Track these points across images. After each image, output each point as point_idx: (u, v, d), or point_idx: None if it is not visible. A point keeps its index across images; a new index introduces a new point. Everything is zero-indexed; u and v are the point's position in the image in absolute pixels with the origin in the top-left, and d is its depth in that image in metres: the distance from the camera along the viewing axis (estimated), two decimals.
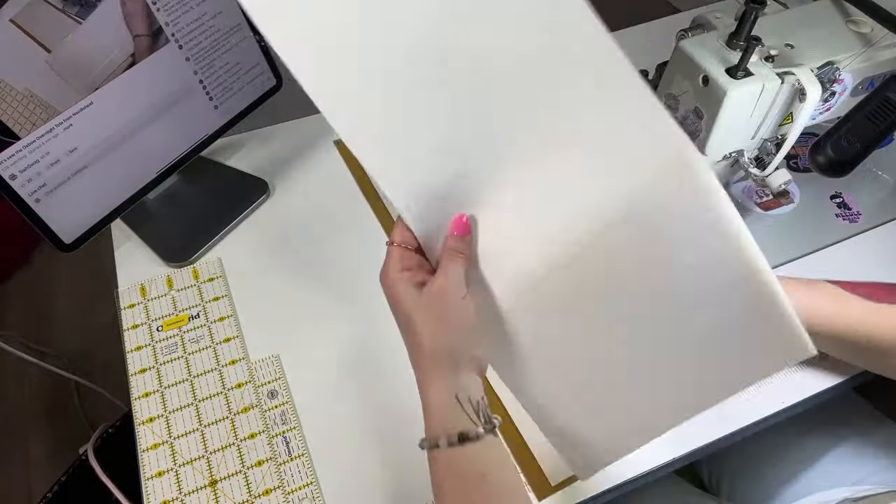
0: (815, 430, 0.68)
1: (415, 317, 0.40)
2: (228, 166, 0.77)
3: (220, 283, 0.66)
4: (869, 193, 0.72)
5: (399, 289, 0.41)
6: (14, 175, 0.55)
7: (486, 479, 0.37)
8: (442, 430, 0.38)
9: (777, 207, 0.71)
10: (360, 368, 0.60)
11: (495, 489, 0.37)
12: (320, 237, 0.70)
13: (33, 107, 0.55)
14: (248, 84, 0.72)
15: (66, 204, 0.60)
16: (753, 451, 0.69)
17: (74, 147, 0.59)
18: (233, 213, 0.71)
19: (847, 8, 0.57)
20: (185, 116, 0.67)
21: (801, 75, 0.50)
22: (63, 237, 0.61)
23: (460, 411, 0.38)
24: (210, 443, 0.56)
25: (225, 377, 0.60)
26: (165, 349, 0.61)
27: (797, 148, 0.77)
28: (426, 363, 0.40)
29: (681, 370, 0.41)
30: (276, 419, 0.57)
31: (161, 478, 0.54)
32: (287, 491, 0.53)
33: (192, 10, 0.64)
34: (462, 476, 0.37)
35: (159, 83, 0.64)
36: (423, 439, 0.39)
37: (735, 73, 0.50)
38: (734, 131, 0.54)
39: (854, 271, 0.65)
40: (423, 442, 0.39)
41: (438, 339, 0.40)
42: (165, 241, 0.69)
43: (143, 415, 0.57)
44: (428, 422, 0.39)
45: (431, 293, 0.40)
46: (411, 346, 0.42)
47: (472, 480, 0.37)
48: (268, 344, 0.62)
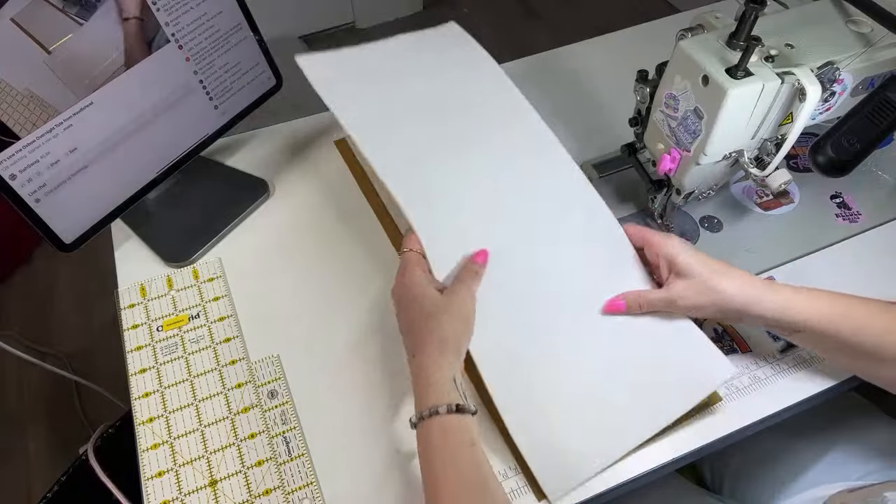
0: (816, 430, 0.68)
1: (439, 312, 0.49)
2: (228, 166, 0.77)
3: (220, 283, 0.66)
4: (869, 193, 0.72)
5: (423, 289, 0.51)
6: (14, 175, 0.55)
7: (474, 447, 0.45)
8: (441, 401, 0.45)
9: (777, 207, 0.71)
10: (360, 368, 0.60)
11: (479, 456, 0.45)
12: (320, 237, 0.70)
13: (33, 107, 0.55)
14: (248, 84, 0.72)
15: (66, 204, 0.60)
16: (755, 449, 0.69)
17: (74, 147, 0.59)
18: (233, 213, 0.71)
19: (847, 8, 0.57)
20: (185, 116, 0.67)
21: (801, 75, 0.50)
22: (63, 237, 0.61)
23: (456, 391, 0.46)
24: (210, 443, 0.56)
25: (225, 377, 0.60)
26: (165, 349, 0.61)
27: (797, 148, 0.77)
28: (436, 349, 0.48)
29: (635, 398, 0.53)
30: (276, 419, 0.57)
31: (161, 478, 0.54)
32: (287, 491, 0.53)
33: (192, 10, 0.64)
34: (455, 440, 0.45)
35: (159, 83, 0.64)
36: (418, 413, 0.46)
37: (735, 73, 0.50)
38: (734, 131, 0.54)
39: (854, 271, 0.65)
40: (425, 412, 0.46)
41: (452, 332, 0.49)
42: (165, 241, 0.69)
43: (143, 415, 0.57)
44: (426, 397, 0.46)
45: (457, 298, 0.50)
46: (425, 334, 0.49)
47: (463, 445, 0.45)
48: (268, 344, 0.62)
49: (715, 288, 0.51)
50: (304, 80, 0.61)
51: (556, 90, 0.85)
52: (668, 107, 0.57)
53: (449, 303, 0.50)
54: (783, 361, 0.59)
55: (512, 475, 0.53)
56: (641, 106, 0.62)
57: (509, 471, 0.53)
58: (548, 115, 0.63)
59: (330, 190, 0.75)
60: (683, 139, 0.56)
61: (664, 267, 0.55)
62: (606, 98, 0.83)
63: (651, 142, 0.62)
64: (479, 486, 0.44)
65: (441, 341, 0.48)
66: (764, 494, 0.66)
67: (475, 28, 0.69)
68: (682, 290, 0.53)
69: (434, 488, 0.44)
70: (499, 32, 2.11)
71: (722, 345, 0.60)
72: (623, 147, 0.69)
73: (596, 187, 0.58)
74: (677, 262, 0.53)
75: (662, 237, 0.55)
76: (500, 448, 0.54)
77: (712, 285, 0.52)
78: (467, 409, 0.46)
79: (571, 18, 2.19)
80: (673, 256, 0.54)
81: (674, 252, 0.54)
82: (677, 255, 0.53)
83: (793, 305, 0.51)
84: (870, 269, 0.65)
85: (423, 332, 0.49)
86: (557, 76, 0.87)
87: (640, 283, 0.57)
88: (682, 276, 0.53)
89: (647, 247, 0.57)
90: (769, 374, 0.58)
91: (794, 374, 0.58)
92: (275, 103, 0.77)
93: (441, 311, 0.49)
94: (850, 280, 0.64)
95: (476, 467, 0.45)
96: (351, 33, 2.14)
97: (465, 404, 0.46)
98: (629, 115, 0.65)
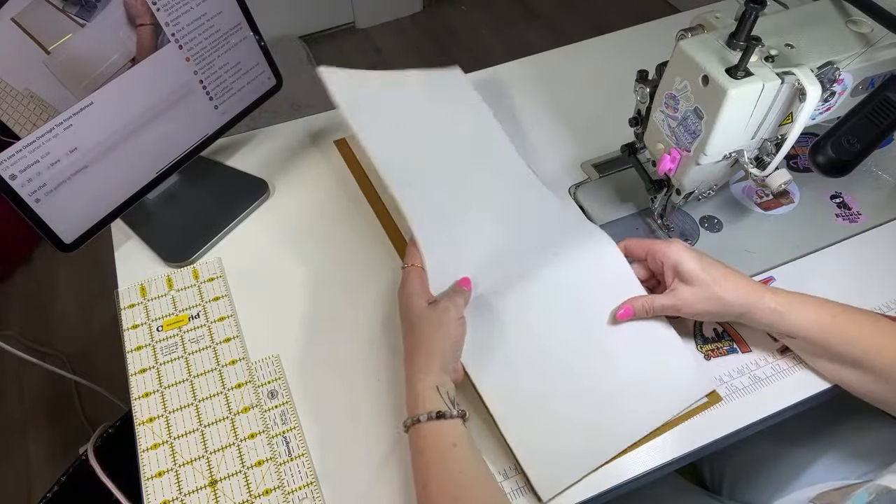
0: (816, 430, 0.68)
1: (424, 325, 0.53)
2: (228, 166, 0.77)
3: (220, 283, 0.66)
4: (869, 193, 0.72)
5: (414, 302, 0.54)
6: (14, 175, 0.55)
7: (457, 447, 0.48)
8: (424, 409, 0.49)
9: (777, 207, 0.71)
10: (360, 368, 0.60)
11: (463, 455, 0.48)
12: (320, 237, 0.70)
13: (33, 107, 0.55)
14: (248, 84, 0.72)
15: (66, 204, 0.60)
16: (755, 449, 0.69)
17: (74, 147, 0.59)
18: (233, 213, 0.71)
19: (847, 8, 0.56)
20: (185, 116, 0.67)
21: (801, 75, 0.50)
22: (63, 237, 0.61)
23: (439, 398, 0.49)
24: (210, 443, 0.56)
25: (225, 377, 0.60)
26: (165, 349, 0.61)
27: (797, 148, 0.77)
28: (422, 360, 0.51)
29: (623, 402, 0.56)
30: (276, 419, 0.57)
31: (161, 478, 0.54)
32: (287, 491, 0.53)
33: (192, 10, 0.64)
34: (438, 444, 0.48)
35: (159, 83, 0.64)
36: (408, 418, 0.49)
37: (735, 73, 0.50)
38: (734, 131, 0.54)
39: (854, 271, 0.65)
40: (408, 420, 0.49)
41: (437, 343, 0.52)
42: (165, 241, 0.69)
43: (143, 415, 0.57)
44: (412, 405, 0.50)
45: (438, 311, 0.53)
46: (413, 345, 0.52)
47: (447, 447, 0.47)
48: (268, 344, 0.62)
49: (717, 295, 0.54)
50: (303, 81, 0.61)
51: (556, 90, 0.85)
52: (668, 107, 0.57)
53: (432, 315, 0.53)
54: (783, 361, 0.59)
55: (512, 475, 0.53)
56: (641, 106, 0.62)
57: (509, 471, 0.53)
58: (548, 116, 0.63)
59: (330, 190, 0.75)
60: (683, 139, 0.56)
61: (669, 272, 0.57)
62: (606, 98, 0.83)
63: (651, 142, 0.62)
64: (466, 484, 0.46)
65: (427, 352, 0.51)
66: (764, 494, 0.66)
67: (475, 28, 0.70)
68: (688, 296, 0.55)
69: (424, 489, 0.47)
70: (498, 32, 2.11)
71: (722, 344, 0.60)
72: (623, 147, 0.69)
73: (596, 187, 0.59)
74: (681, 270, 0.55)
75: (664, 244, 0.57)
76: (500, 448, 0.54)
77: (715, 292, 0.54)
78: (450, 414, 0.49)
79: (571, 18, 2.19)
80: (677, 263, 0.56)
81: (678, 259, 0.56)
82: (681, 263, 0.55)
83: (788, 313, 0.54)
84: (870, 270, 0.65)
85: (412, 341, 0.53)
86: (557, 76, 0.87)
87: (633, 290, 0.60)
88: (686, 283, 0.55)
89: (651, 256, 0.58)
90: (769, 374, 0.58)
91: (794, 374, 0.58)
92: (275, 103, 0.77)
93: (425, 323, 0.53)
94: (851, 280, 0.65)
95: (462, 466, 0.47)
96: (351, 33, 2.14)
97: (446, 410, 0.49)
98: (629, 115, 0.65)
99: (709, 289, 0.54)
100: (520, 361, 0.57)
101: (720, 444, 0.55)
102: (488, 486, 0.48)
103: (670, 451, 0.54)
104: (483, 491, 0.47)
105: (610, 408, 0.55)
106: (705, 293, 0.54)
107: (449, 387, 0.51)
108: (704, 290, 0.54)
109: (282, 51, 1.96)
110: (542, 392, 0.56)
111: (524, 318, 0.59)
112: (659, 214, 0.67)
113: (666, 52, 0.56)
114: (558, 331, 0.58)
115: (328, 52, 2.05)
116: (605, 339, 0.58)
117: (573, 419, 0.55)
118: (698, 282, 0.54)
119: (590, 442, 0.54)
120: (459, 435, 0.49)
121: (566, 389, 0.56)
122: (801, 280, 0.64)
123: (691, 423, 0.55)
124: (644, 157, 0.68)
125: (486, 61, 0.91)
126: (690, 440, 0.55)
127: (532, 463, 0.52)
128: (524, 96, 0.84)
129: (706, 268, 0.55)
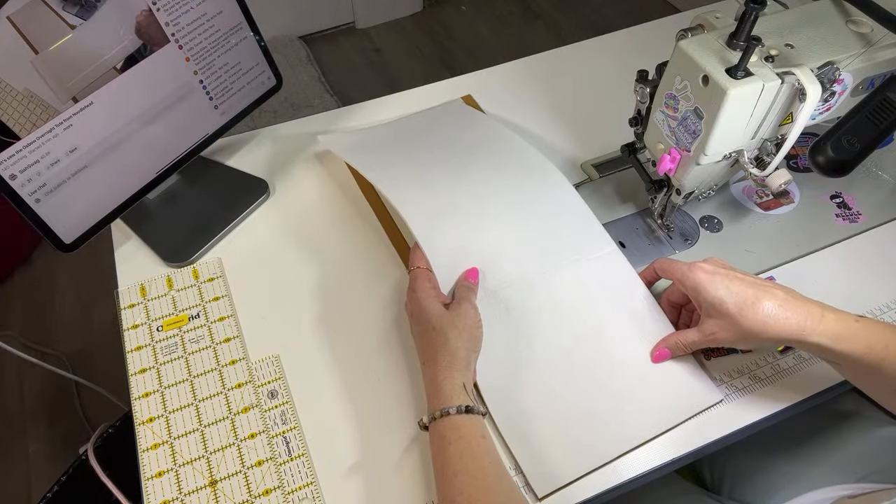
0: (816, 430, 0.68)
1: (445, 328, 0.53)
2: (228, 166, 0.77)
3: (220, 283, 0.66)
4: (869, 193, 0.72)
5: (430, 304, 0.55)
6: (14, 175, 0.55)
7: (484, 439, 0.49)
8: (452, 403, 0.49)
9: (777, 207, 0.71)
10: (360, 367, 0.60)
11: (491, 447, 0.49)
12: (320, 237, 0.70)
13: (33, 107, 0.55)
14: (248, 84, 0.72)
15: (66, 204, 0.60)
16: (755, 450, 0.69)
17: (74, 147, 0.59)
18: (233, 213, 0.71)
19: (847, 8, 0.56)
20: (185, 116, 0.67)
21: (801, 75, 0.50)
22: (63, 237, 0.61)
23: (465, 395, 0.50)
24: (210, 443, 0.56)
25: (225, 377, 0.60)
26: (165, 349, 0.61)
27: (797, 148, 0.77)
28: (445, 360, 0.52)
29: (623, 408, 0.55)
30: (276, 419, 0.57)
31: (161, 478, 0.54)
32: (287, 491, 0.53)
33: (192, 10, 0.64)
34: (468, 434, 0.48)
35: (159, 83, 0.64)
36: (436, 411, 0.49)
37: (735, 73, 0.50)
38: (734, 131, 0.54)
39: (854, 271, 0.65)
40: (436, 412, 0.49)
41: (460, 345, 0.52)
42: (165, 241, 0.69)
43: (143, 415, 0.57)
44: (437, 401, 0.50)
45: (460, 313, 0.54)
46: (434, 348, 0.53)
47: (475, 438, 0.48)
48: (268, 344, 0.62)
49: (745, 331, 0.50)
50: (303, 81, 0.61)
51: (556, 90, 0.85)
52: (668, 107, 0.57)
53: (454, 318, 0.54)
54: (783, 361, 0.59)
55: (512, 475, 0.53)
56: (641, 106, 0.62)
57: (510, 470, 0.53)
58: (548, 116, 0.63)
59: (330, 190, 0.75)
60: (683, 139, 0.56)
61: (693, 301, 0.54)
62: (606, 98, 0.83)
63: (651, 142, 0.62)
64: (495, 474, 0.47)
65: (451, 355, 0.52)
66: (764, 495, 0.66)
67: (475, 28, 0.70)
68: (716, 330, 0.52)
69: (450, 479, 0.46)
70: (498, 32, 2.11)
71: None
72: (623, 147, 0.69)
73: (596, 187, 0.59)
74: (702, 301, 0.52)
75: (685, 269, 0.54)
76: (499, 447, 0.54)
77: (743, 329, 0.50)
78: (477, 410, 0.50)
79: (571, 18, 2.19)
80: (697, 294, 0.53)
81: (696, 288, 0.52)
82: (700, 294, 0.52)
83: (836, 345, 0.48)
84: (870, 269, 0.65)
85: (433, 345, 0.53)
86: (557, 76, 0.87)
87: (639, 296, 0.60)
88: (711, 316, 0.52)
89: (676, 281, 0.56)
90: (769, 374, 0.58)
91: (794, 374, 0.58)
92: (275, 103, 0.78)
93: (448, 326, 0.53)
94: (851, 280, 0.65)
95: (491, 457, 0.48)
96: (351, 33, 2.14)
97: (474, 406, 0.49)
98: (629, 115, 0.65)
99: (736, 325, 0.50)
100: (521, 361, 0.57)
101: (720, 444, 0.55)
102: (510, 479, 0.49)
103: (670, 451, 0.54)
104: (508, 482, 0.48)
105: (614, 411, 0.55)
106: (735, 331, 0.50)
107: (469, 385, 0.52)
108: (732, 326, 0.50)
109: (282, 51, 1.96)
110: (544, 392, 0.56)
111: (527, 319, 0.59)
112: (659, 214, 0.67)
113: (666, 52, 0.56)
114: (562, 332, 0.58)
115: (328, 52, 2.05)
116: (610, 343, 0.58)
117: (574, 419, 0.54)
118: (722, 315, 0.51)
119: (590, 442, 0.54)
120: (485, 428, 0.50)
121: (569, 390, 0.56)
122: (802, 280, 0.64)
123: (691, 423, 0.55)
124: (644, 157, 0.68)
125: (486, 61, 0.91)
126: (690, 440, 0.55)
127: (529, 460, 0.53)
128: (524, 96, 0.84)
129: (731, 294, 0.50)
